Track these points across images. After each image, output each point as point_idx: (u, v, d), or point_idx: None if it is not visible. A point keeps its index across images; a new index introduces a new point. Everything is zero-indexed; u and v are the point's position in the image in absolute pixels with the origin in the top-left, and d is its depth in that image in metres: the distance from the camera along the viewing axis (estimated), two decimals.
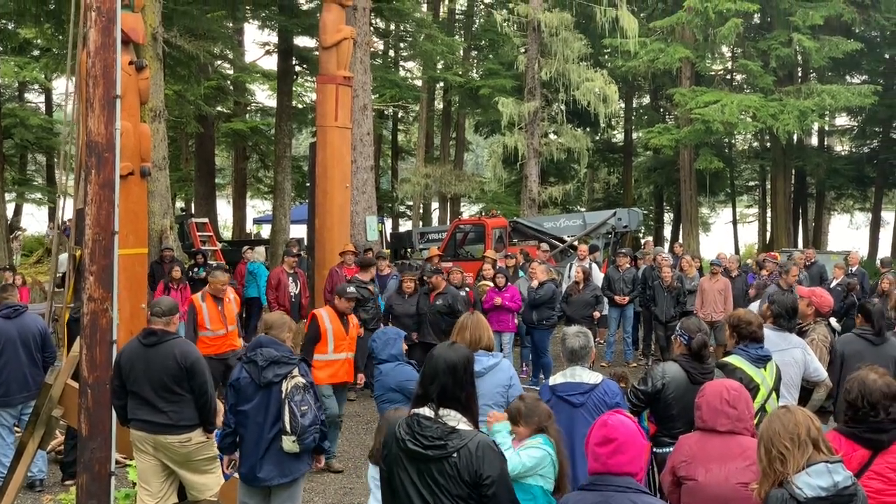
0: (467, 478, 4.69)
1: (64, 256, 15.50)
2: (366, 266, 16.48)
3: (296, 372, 7.80)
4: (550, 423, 6.42)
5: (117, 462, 8.55)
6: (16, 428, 11.50)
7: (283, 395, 7.67)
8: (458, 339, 7.70)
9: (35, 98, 53.06)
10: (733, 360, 7.73)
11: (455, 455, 4.72)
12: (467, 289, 16.61)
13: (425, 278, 16.66)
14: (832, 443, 5.03)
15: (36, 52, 38.56)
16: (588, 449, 4.82)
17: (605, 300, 19.19)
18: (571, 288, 18.17)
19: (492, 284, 17.10)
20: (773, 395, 7.71)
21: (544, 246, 24.33)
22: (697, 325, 8.00)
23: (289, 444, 7.65)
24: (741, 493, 5.44)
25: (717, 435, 5.73)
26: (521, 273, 19.88)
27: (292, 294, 17.88)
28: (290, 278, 18.01)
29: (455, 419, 4.80)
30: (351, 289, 12.38)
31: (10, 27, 30.54)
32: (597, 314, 18.07)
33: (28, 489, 10.80)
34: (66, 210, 13.14)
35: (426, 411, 4.87)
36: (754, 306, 16.23)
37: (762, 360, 7.70)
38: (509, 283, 17.32)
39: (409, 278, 16.26)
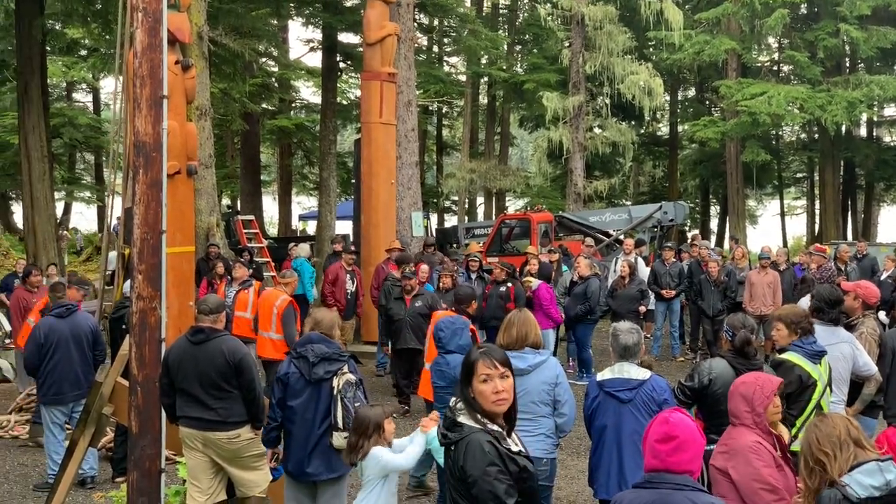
0: (456, 472, 4.74)
1: (113, 255, 15.63)
2: (402, 263, 16.40)
3: (346, 368, 7.81)
4: None
5: (167, 459, 8.62)
6: (66, 426, 11.64)
7: (336, 392, 7.69)
8: (505, 336, 7.69)
9: (83, 97, 53.62)
10: (790, 356, 7.66)
11: (452, 448, 4.78)
12: (508, 284, 16.47)
13: (401, 282, 15.73)
14: (889, 440, 5.02)
15: (83, 52, 38.95)
16: (646, 445, 4.79)
17: (652, 294, 19.09)
18: (617, 282, 18.10)
19: (536, 281, 17.00)
20: (828, 390, 7.65)
21: (588, 240, 24.25)
22: (742, 321, 7.93)
23: (339, 440, 7.66)
24: (714, 474, 5.90)
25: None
26: (564, 268, 19.82)
27: (349, 291, 17.87)
28: (349, 276, 17.98)
29: (465, 414, 4.82)
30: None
31: (57, 27, 30.81)
32: (642, 308, 17.99)
33: (79, 486, 10.91)
34: (115, 208, 13.27)
35: (452, 401, 4.98)
36: (804, 301, 16.17)
37: (818, 356, 7.65)
38: (540, 281, 17.20)
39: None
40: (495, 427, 4.83)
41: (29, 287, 16.54)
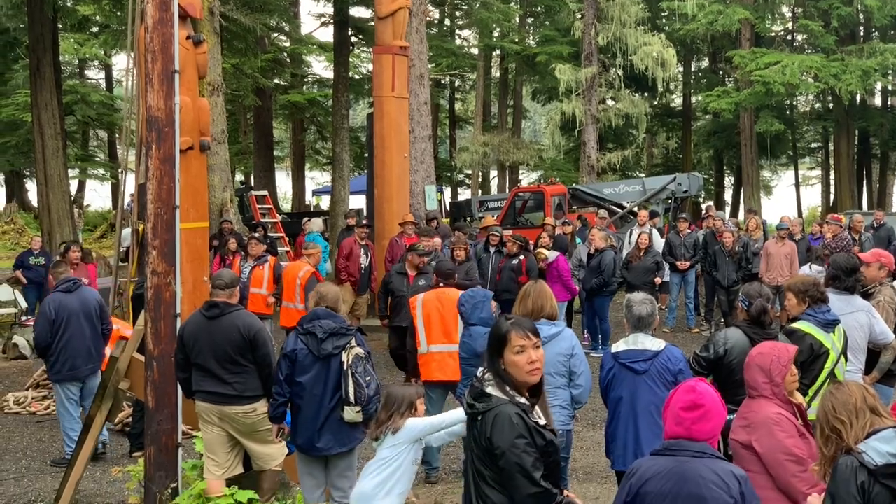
0: (483, 443, 4.76)
1: (127, 231, 15.66)
2: (426, 236, 16.28)
3: (353, 342, 7.80)
4: None
5: (184, 433, 8.66)
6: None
7: (346, 367, 7.68)
8: (521, 308, 7.69)
9: (95, 74, 53.61)
10: (802, 325, 7.64)
11: (480, 418, 4.80)
12: (521, 257, 16.38)
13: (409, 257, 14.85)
14: None
15: (95, 29, 38.89)
16: (669, 413, 4.80)
17: (666, 266, 19.03)
18: (632, 254, 18.04)
19: (548, 253, 16.95)
20: (843, 359, 7.62)
21: (602, 212, 24.22)
22: (758, 290, 7.89)
23: (352, 414, 7.66)
24: (736, 449, 5.84)
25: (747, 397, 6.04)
26: (578, 240, 19.78)
27: (363, 266, 17.83)
28: (362, 250, 17.93)
29: (493, 385, 4.84)
30: None
31: (69, 4, 30.79)
32: (658, 280, 17.94)
33: (93, 460, 10.99)
34: (129, 185, 13.28)
35: (479, 372, 5.01)
36: (805, 269, 16.16)
37: (831, 325, 7.62)
38: (557, 253, 17.12)
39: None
40: (523, 400, 4.85)
41: (68, 263, 16.70)
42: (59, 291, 11.69)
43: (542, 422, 4.87)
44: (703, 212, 26.79)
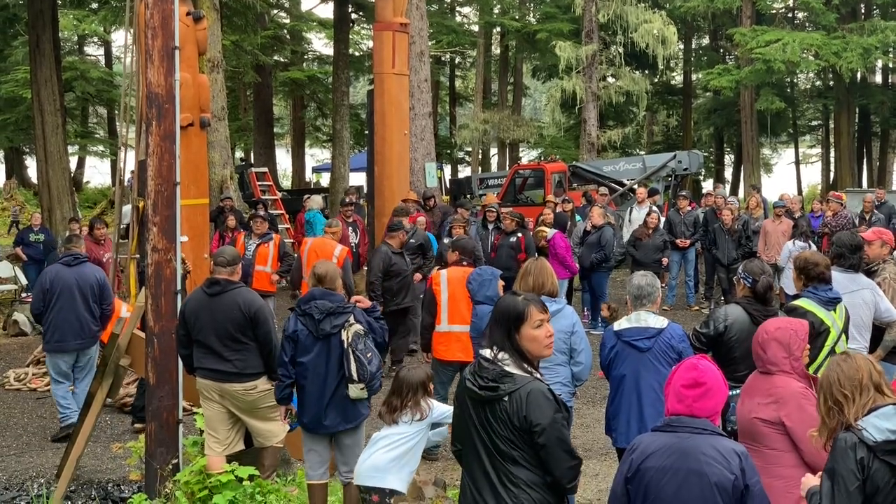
0: (517, 423, 4.70)
1: (127, 208, 15.65)
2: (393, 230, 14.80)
3: (352, 319, 7.80)
4: None
5: (184, 410, 8.68)
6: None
7: (346, 345, 7.68)
8: (521, 285, 7.68)
9: (95, 51, 53.40)
10: (803, 302, 7.63)
11: (506, 399, 4.73)
12: (518, 234, 16.34)
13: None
14: None
15: (94, 5, 38.76)
16: (671, 390, 4.81)
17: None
18: (641, 233, 17.99)
19: (549, 231, 16.94)
20: (843, 337, 7.62)
21: (602, 190, 24.21)
22: (761, 267, 7.87)
23: (356, 391, 7.67)
24: (759, 427, 5.73)
25: (758, 373, 6.01)
26: (578, 217, 19.78)
27: (352, 244, 17.84)
28: (350, 227, 17.95)
29: (512, 364, 4.81)
30: None
31: None
32: (665, 260, 18.00)
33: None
34: (129, 162, 13.27)
35: (487, 353, 4.91)
36: (788, 245, 16.22)
37: (832, 303, 7.61)
38: (555, 230, 17.10)
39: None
40: (538, 375, 4.87)
41: (95, 240, 16.76)
42: (59, 263, 11.84)
43: None
44: (705, 191, 26.77)
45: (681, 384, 4.74)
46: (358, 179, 35.04)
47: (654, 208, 19.71)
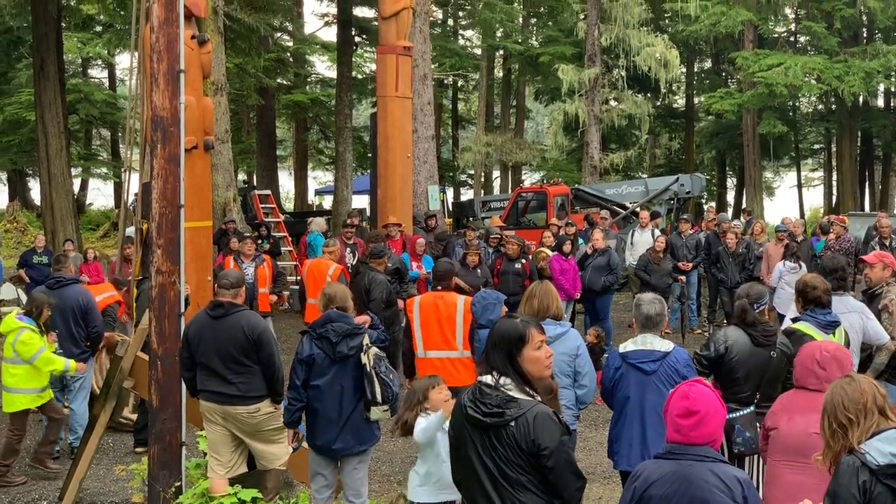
0: (524, 447, 4.68)
1: (131, 230, 15.68)
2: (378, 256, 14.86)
3: (368, 341, 7.81)
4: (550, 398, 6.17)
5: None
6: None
7: (370, 368, 7.68)
8: (526, 308, 7.70)
9: (98, 73, 53.62)
10: (801, 326, 7.69)
11: (512, 424, 4.71)
12: (523, 260, 16.45)
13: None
14: None
15: (99, 28, 38.95)
16: (668, 419, 4.80)
17: None
18: (652, 257, 17.97)
19: (550, 252, 17.01)
20: None
21: (604, 213, 24.24)
22: (747, 289, 7.99)
23: (379, 413, 7.69)
24: (818, 443, 5.48)
25: (807, 392, 5.97)
26: (580, 241, 19.81)
27: (349, 265, 17.86)
28: (349, 249, 18.00)
29: (515, 388, 4.80)
30: None
31: (73, 3, 30.83)
32: (682, 279, 18.06)
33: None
34: (132, 184, 13.29)
35: (488, 379, 4.87)
36: (779, 266, 16.27)
37: (831, 326, 7.67)
38: (554, 253, 17.21)
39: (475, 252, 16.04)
40: (539, 398, 4.88)
41: (124, 259, 16.78)
42: (44, 286, 11.98)
43: None
44: (706, 212, 26.77)
45: (675, 414, 4.73)
46: (361, 202, 35.13)
47: (649, 231, 19.75)
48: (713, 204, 43.11)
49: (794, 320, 8.04)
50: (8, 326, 10.81)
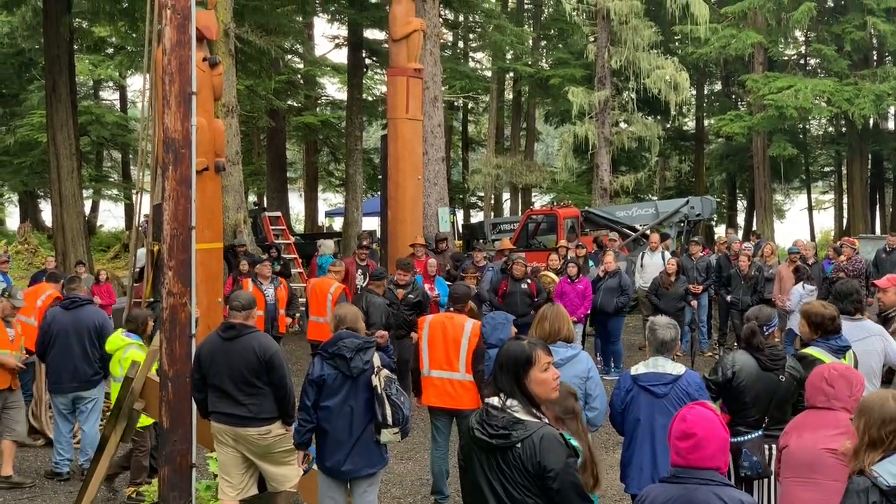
0: (531, 468, 4.67)
1: (142, 251, 15.73)
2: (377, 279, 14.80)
3: (379, 362, 7.82)
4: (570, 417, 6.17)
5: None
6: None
7: (380, 390, 7.68)
8: (538, 331, 7.69)
9: (110, 95, 53.87)
10: (812, 351, 7.68)
11: (518, 445, 4.70)
12: (529, 281, 16.49)
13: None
14: None
15: (110, 50, 39.13)
16: (669, 442, 4.79)
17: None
18: (664, 280, 17.94)
19: (554, 276, 17.07)
20: None
21: (613, 235, 24.24)
22: (756, 312, 7.98)
23: (389, 435, 7.69)
24: (826, 459, 5.65)
25: (817, 410, 5.94)
26: (591, 263, 19.81)
27: (359, 286, 17.88)
28: (360, 270, 18.03)
29: (521, 410, 4.79)
30: None
31: (85, 25, 30.97)
32: (694, 303, 18.03)
33: (48, 478, 11.51)
34: (143, 206, 13.34)
35: (495, 401, 4.88)
36: (797, 290, 16.23)
37: (841, 351, 7.65)
38: (581, 275, 17.27)
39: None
40: (547, 420, 4.87)
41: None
42: (59, 306, 11.99)
43: None
44: (718, 238, 26.76)
45: (674, 437, 4.72)
46: (371, 224, 35.14)
47: (659, 253, 19.76)
48: (724, 226, 43.07)
49: (804, 345, 8.01)
50: (115, 344, 10.84)
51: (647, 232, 25.61)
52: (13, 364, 11.15)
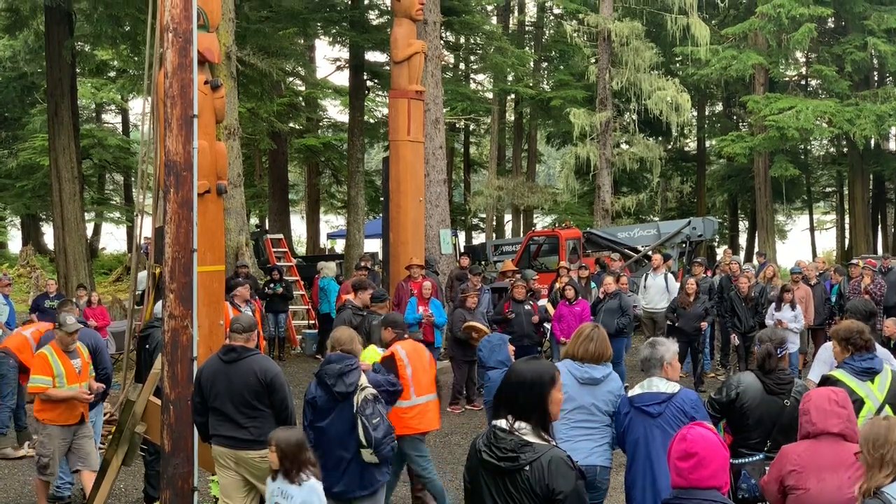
0: (539, 491, 4.64)
1: (143, 274, 15.71)
2: (359, 289, 14.70)
3: (364, 381, 7.86)
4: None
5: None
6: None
7: (355, 409, 7.72)
8: (581, 350, 7.69)
9: (112, 118, 53.98)
10: (836, 373, 7.41)
11: (527, 468, 4.67)
12: (531, 303, 16.53)
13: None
14: None
15: (112, 74, 39.21)
16: (669, 463, 4.78)
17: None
18: (683, 301, 17.90)
19: (550, 308, 17.16)
20: (888, 409, 7.36)
21: (614, 256, 24.24)
22: (770, 334, 7.89)
23: (367, 455, 7.74)
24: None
25: (828, 441, 5.72)
26: (592, 284, 19.79)
27: None
28: None
29: (530, 433, 4.76)
30: None
31: (87, 49, 31.07)
32: (704, 325, 17.99)
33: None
34: (145, 228, 13.32)
35: (503, 423, 4.84)
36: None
37: (868, 373, 7.37)
38: (580, 297, 17.28)
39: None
40: (555, 442, 4.86)
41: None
42: (51, 330, 11.97)
43: None
44: (719, 257, 26.77)
45: (675, 457, 4.71)
46: (373, 246, 35.12)
47: (661, 273, 19.73)
48: (726, 247, 43.08)
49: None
50: None
51: (650, 253, 25.61)
52: (84, 398, 10.97)
